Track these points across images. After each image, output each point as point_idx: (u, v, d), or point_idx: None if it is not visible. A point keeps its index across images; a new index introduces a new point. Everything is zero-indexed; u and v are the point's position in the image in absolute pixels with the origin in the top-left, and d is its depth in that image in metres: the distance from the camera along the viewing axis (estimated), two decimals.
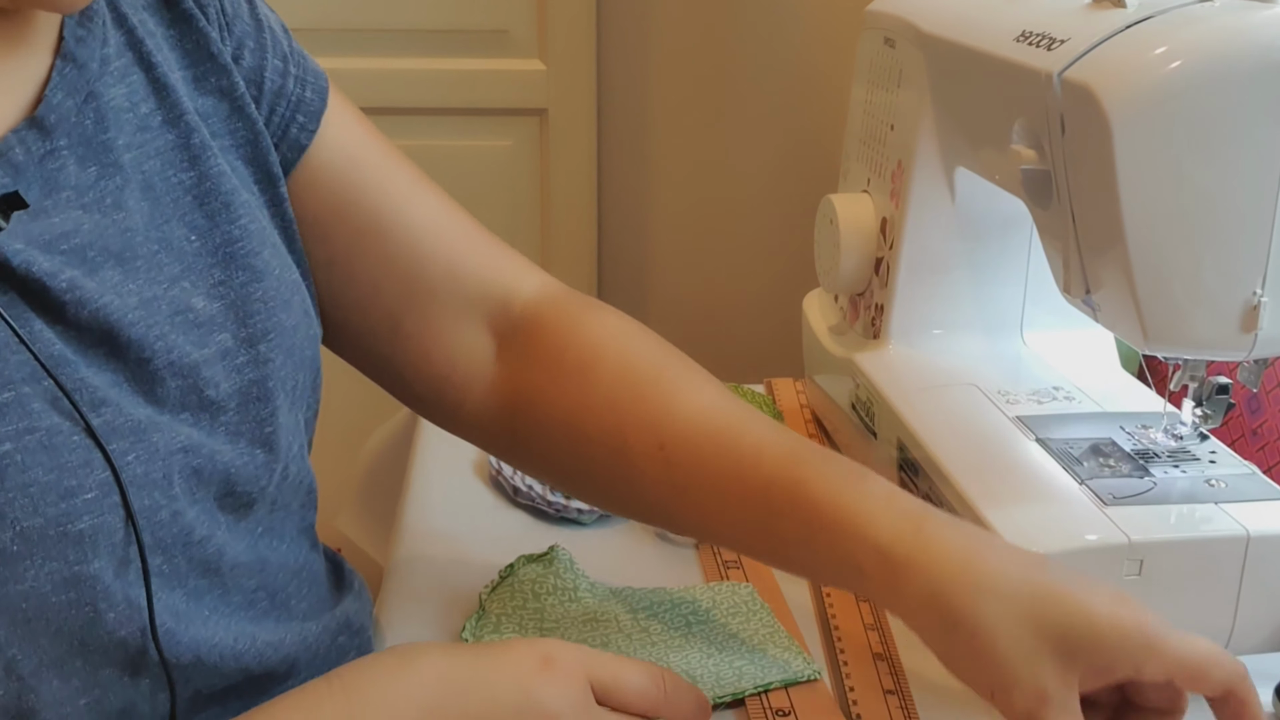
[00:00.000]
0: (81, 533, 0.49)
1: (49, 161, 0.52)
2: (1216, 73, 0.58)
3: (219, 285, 0.57)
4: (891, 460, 0.84)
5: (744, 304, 1.77)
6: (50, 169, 0.52)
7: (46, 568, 0.48)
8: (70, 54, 0.54)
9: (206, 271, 0.57)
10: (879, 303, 0.92)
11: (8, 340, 0.49)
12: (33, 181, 0.51)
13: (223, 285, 0.57)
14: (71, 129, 0.53)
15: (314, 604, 0.66)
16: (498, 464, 0.94)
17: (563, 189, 1.68)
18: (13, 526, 0.47)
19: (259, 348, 0.58)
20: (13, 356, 0.48)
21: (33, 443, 0.48)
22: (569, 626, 0.73)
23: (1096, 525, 0.65)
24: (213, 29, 0.61)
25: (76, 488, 0.49)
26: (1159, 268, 0.62)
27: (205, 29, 0.61)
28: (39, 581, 0.48)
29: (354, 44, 1.60)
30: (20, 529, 0.47)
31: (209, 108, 0.61)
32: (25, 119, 0.52)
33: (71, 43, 0.55)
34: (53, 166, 0.52)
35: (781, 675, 0.69)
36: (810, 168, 1.72)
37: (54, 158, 0.52)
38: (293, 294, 0.61)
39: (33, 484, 0.47)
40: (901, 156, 0.89)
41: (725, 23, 1.67)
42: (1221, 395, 0.71)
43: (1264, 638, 0.67)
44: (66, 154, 0.53)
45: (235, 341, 0.57)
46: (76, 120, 0.54)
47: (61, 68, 0.54)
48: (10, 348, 0.49)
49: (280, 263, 0.61)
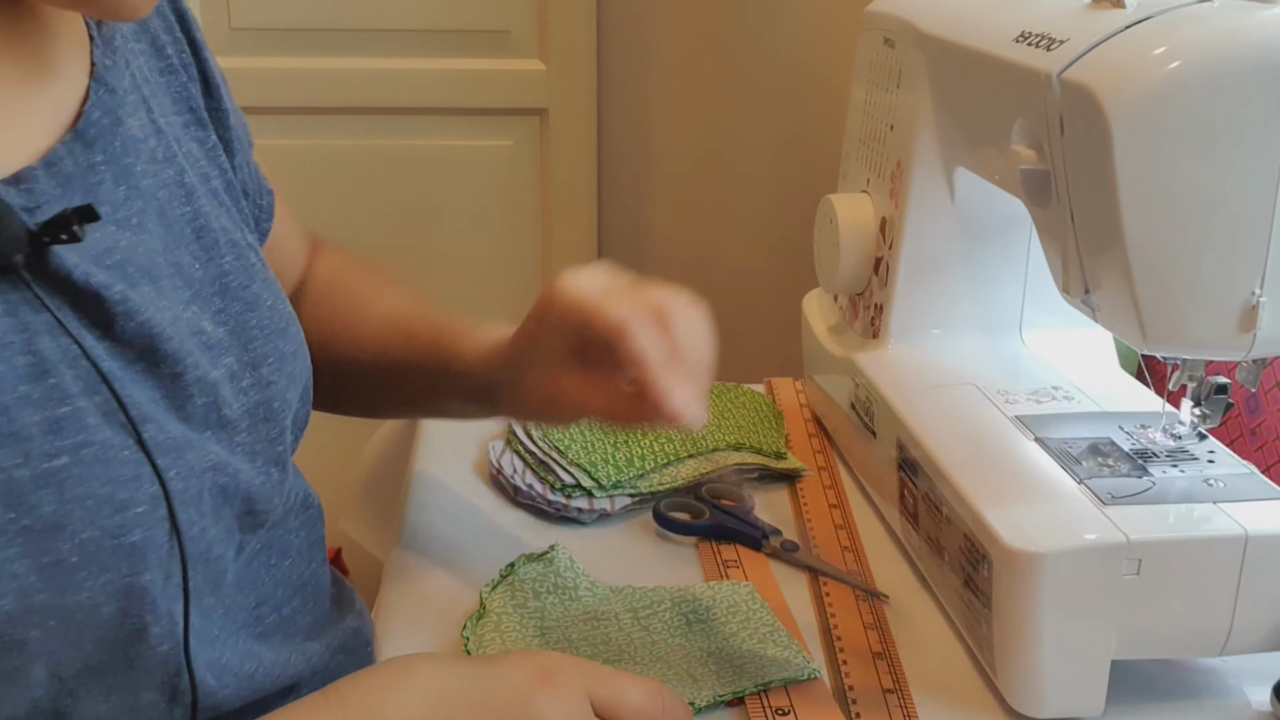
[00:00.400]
0: (135, 545, 0.49)
1: (90, 176, 0.53)
2: (1216, 73, 0.58)
3: (220, 313, 0.59)
4: (891, 460, 0.84)
5: (744, 304, 1.77)
6: (91, 183, 0.53)
7: (102, 579, 0.48)
8: (102, 78, 0.56)
9: (210, 299, 0.58)
10: (878, 302, 0.92)
11: (68, 353, 0.49)
12: (76, 194, 0.52)
13: (223, 313, 0.59)
14: (107, 147, 0.54)
15: (316, 620, 0.66)
16: (498, 464, 0.94)
17: (563, 189, 1.68)
18: (72, 538, 0.47)
19: (261, 371, 0.59)
20: (69, 370, 0.49)
21: (89, 456, 0.49)
22: (569, 625, 0.73)
23: (1095, 525, 0.66)
24: (194, 85, 0.64)
25: (129, 500, 0.49)
26: (1158, 268, 0.62)
27: (187, 84, 0.63)
28: (94, 592, 0.48)
29: (355, 44, 1.60)
30: (79, 540, 0.48)
31: (194, 152, 0.63)
32: (69, 131, 0.53)
33: (102, 68, 0.56)
34: (93, 181, 0.53)
35: (781, 674, 0.69)
36: (810, 167, 1.72)
37: (94, 173, 0.53)
38: (288, 324, 0.63)
39: (89, 496, 0.48)
40: (901, 156, 0.89)
41: (725, 23, 1.67)
42: (1220, 395, 0.71)
43: (1262, 637, 0.67)
44: (104, 170, 0.54)
45: (240, 365, 0.58)
46: (109, 140, 0.55)
47: (96, 89, 0.55)
48: (69, 361, 0.49)
49: (272, 295, 0.63)
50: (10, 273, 0.49)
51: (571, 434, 0.95)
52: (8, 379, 0.47)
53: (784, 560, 0.84)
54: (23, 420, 0.47)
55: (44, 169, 0.51)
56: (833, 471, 0.98)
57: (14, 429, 0.47)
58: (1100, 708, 0.67)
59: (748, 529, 0.86)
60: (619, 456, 0.92)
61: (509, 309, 1.85)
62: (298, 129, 1.63)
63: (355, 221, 1.68)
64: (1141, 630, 0.66)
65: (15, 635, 0.46)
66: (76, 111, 0.54)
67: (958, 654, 0.74)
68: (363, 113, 1.64)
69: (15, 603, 0.46)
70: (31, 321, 0.49)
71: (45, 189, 0.50)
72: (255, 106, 1.62)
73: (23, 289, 0.49)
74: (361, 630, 0.71)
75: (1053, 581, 0.64)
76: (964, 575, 0.71)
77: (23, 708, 0.49)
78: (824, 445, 1.02)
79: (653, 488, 0.91)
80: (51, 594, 0.47)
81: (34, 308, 0.49)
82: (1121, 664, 0.67)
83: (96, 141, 0.54)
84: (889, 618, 0.77)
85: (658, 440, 0.95)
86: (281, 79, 1.59)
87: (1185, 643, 0.68)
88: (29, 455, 0.47)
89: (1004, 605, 0.66)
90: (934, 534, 0.76)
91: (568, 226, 1.70)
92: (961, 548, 0.71)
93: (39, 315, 0.49)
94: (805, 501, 0.93)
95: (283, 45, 1.57)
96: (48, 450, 0.47)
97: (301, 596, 0.65)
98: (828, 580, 0.82)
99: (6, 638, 0.46)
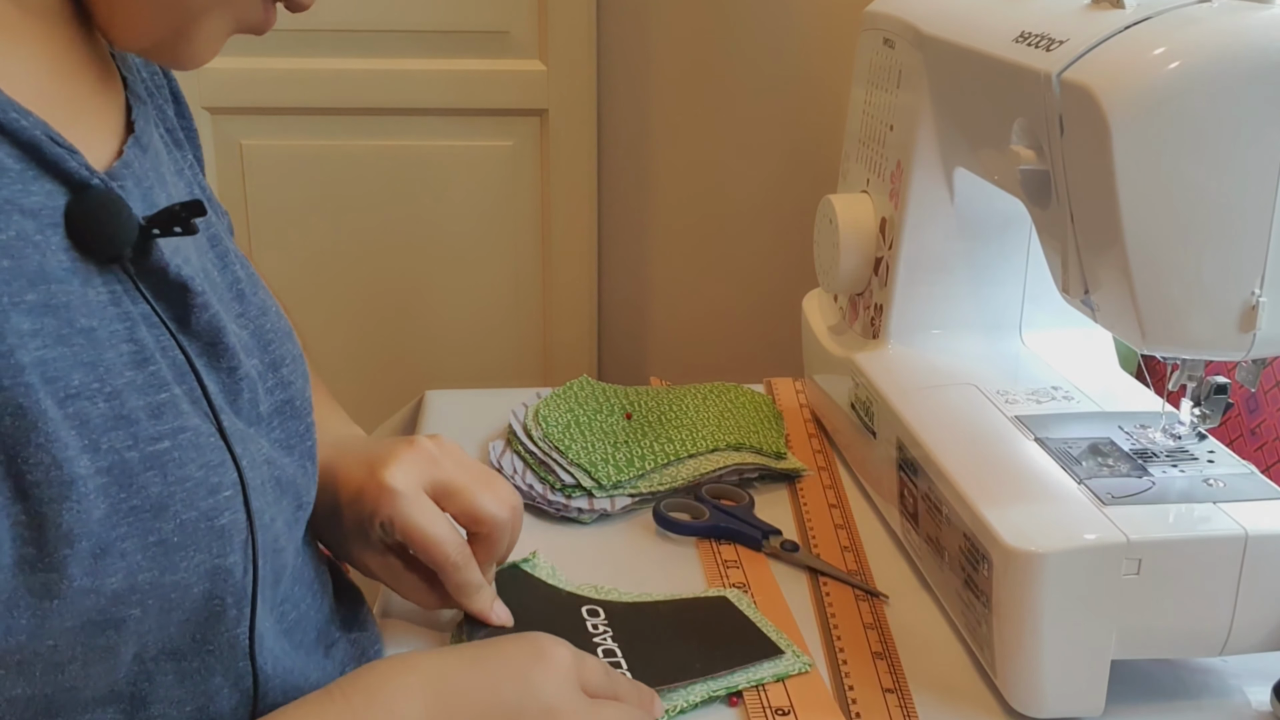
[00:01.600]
0: (224, 527, 0.52)
1: (145, 180, 0.55)
2: (1215, 73, 0.58)
3: (240, 316, 0.61)
4: (891, 460, 0.84)
5: (744, 304, 1.77)
6: (146, 187, 0.55)
7: (196, 559, 0.50)
8: (136, 92, 0.59)
9: (230, 303, 0.60)
10: (878, 303, 0.92)
11: (160, 342, 0.52)
12: (139, 194, 0.54)
13: (242, 317, 0.61)
14: (152, 154, 0.57)
15: (322, 626, 0.66)
16: (498, 464, 0.94)
17: (563, 189, 1.68)
18: (175, 518, 0.49)
19: (281, 371, 0.62)
20: (164, 359, 0.52)
21: (185, 441, 0.51)
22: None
23: (1095, 524, 0.66)
24: (169, 106, 0.66)
25: (219, 485, 0.52)
26: (1157, 268, 0.62)
27: (164, 106, 0.65)
28: (189, 572, 0.50)
29: (355, 45, 1.60)
30: (180, 521, 0.50)
31: (183, 169, 0.65)
32: (130, 137, 0.56)
33: (132, 80, 0.59)
34: (147, 185, 0.55)
35: (774, 670, 0.70)
36: (810, 168, 1.72)
37: (147, 177, 0.56)
38: (290, 330, 0.66)
39: (188, 479, 0.50)
40: (901, 157, 0.89)
41: (725, 23, 1.67)
42: (1220, 395, 0.71)
43: (1262, 637, 0.67)
44: (153, 175, 0.56)
45: (264, 365, 0.61)
46: (151, 147, 0.58)
47: (132, 99, 0.58)
48: (162, 350, 0.52)
49: (274, 303, 0.65)
50: (113, 264, 0.51)
51: (572, 434, 0.95)
52: (116, 365, 0.49)
53: (784, 560, 0.84)
54: (131, 404, 0.49)
55: (124, 168, 0.53)
56: (833, 471, 0.98)
57: (125, 412, 0.49)
58: (1100, 708, 0.67)
59: (748, 529, 0.86)
60: (619, 456, 0.93)
61: (508, 309, 1.86)
62: (297, 130, 1.63)
63: (354, 222, 1.68)
64: (1141, 630, 0.66)
65: (118, 614, 0.48)
66: (125, 118, 0.57)
67: (957, 654, 0.74)
68: (362, 113, 1.64)
69: (123, 581, 0.48)
70: (131, 311, 0.51)
71: (130, 188, 0.53)
72: (255, 107, 1.62)
73: (125, 280, 0.51)
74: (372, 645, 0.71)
75: (1053, 581, 0.64)
76: (964, 575, 0.71)
77: (103, 689, 0.51)
78: (824, 445, 1.02)
79: (653, 488, 0.91)
80: (154, 573, 0.49)
81: (133, 298, 0.51)
82: (1121, 664, 0.67)
83: (148, 148, 0.57)
84: (889, 618, 0.77)
85: (658, 440, 0.95)
86: (281, 79, 1.59)
87: (1185, 643, 0.68)
88: (137, 438, 0.49)
89: (1004, 605, 0.66)
90: (934, 534, 0.76)
91: (567, 227, 1.70)
92: (961, 548, 0.71)
93: (137, 306, 0.52)
94: (805, 501, 0.93)
95: (282, 46, 1.57)
96: (152, 434, 0.50)
97: (311, 596, 0.65)
98: (828, 580, 0.82)
99: (109, 615, 0.48)
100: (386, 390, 1.71)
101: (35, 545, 0.45)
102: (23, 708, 0.48)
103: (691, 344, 1.79)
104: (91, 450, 0.47)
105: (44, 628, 0.46)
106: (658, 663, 0.69)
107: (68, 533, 0.45)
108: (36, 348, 0.46)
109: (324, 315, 1.71)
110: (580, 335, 1.75)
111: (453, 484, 0.69)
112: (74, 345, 0.48)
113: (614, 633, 0.73)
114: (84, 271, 0.49)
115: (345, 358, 1.73)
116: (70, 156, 0.49)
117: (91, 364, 0.48)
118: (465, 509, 0.69)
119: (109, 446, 0.48)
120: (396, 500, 0.67)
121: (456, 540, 0.68)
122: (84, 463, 0.46)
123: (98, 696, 0.50)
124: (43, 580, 0.45)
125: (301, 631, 0.63)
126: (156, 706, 0.53)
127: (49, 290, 0.47)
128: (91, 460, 0.47)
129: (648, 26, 1.67)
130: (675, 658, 0.70)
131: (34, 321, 0.46)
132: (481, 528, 0.70)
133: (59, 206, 0.49)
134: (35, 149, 0.48)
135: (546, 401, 1.02)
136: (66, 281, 0.48)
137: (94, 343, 0.48)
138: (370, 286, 1.71)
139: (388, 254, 1.70)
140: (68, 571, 0.46)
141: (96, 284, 0.50)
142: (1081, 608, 0.65)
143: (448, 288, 1.72)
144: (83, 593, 0.46)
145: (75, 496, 0.45)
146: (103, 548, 0.47)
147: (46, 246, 0.47)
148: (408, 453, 0.69)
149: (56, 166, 0.48)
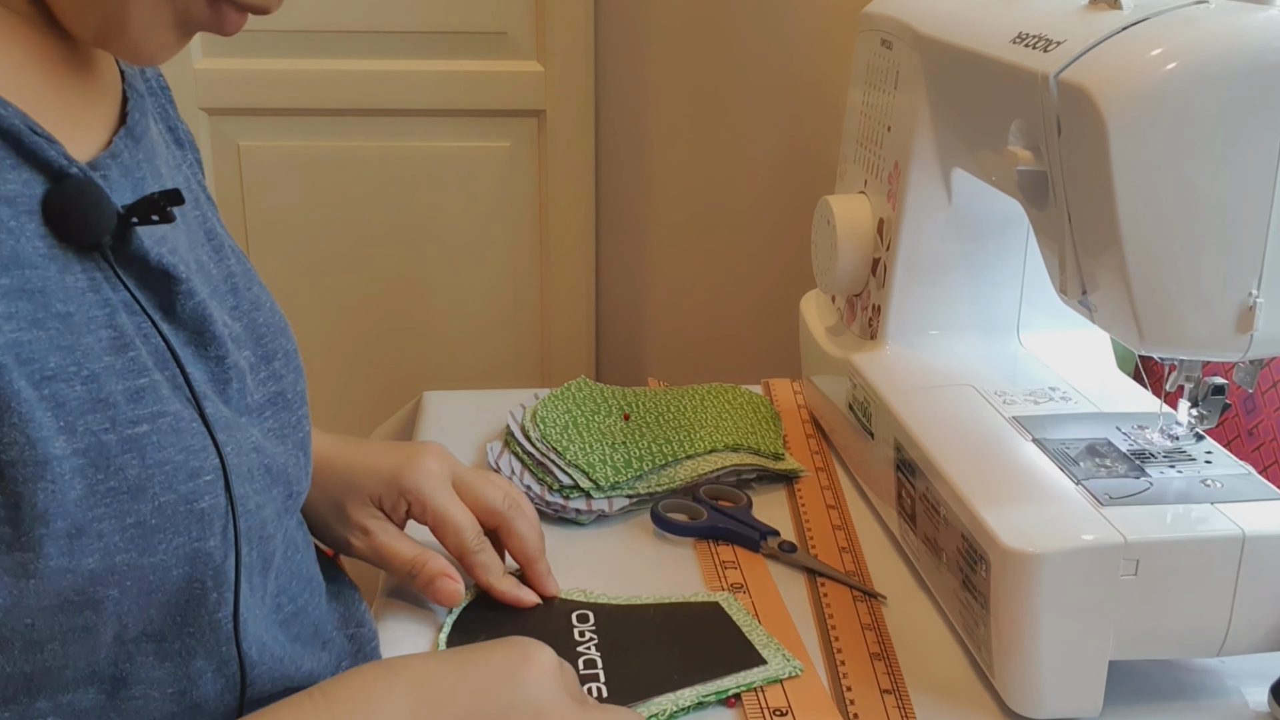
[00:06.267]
0: (203, 511, 0.52)
1: (137, 170, 0.56)
2: (1212, 74, 0.58)
3: (234, 309, 0.62)
4: (888, 460, 0.84)
5: (741, 304, 1.77)
6: (137, 178, 0.56)
7: (175, 542, 0.51)
8: (132, 84, 0.60)
9: (225, 296, 0.61)
10: (876, 303, 0.92)
11: (141, 329, 0.53)
12: (129, 186, 0.55)
13: (236, 310, 0.62)
14: (146, 145, 0.58)
15: (319, 621, 0.66)
16: (496, 465, 0.94)
17: (561, 190, 1.68)
18: (153, 500, 0.50)
19: (273, 365, 0.62)
20: (144, 345, 0.53)
21: (165, 425, 0.52)
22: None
23: (1093, 525, 0.66)
24: (171, 107, 0.67)
25: (199, 469, 0.53)
26: (1155, 268, 0.62)
27: (165, 105, 0.66)
28: (167, 555, 0.51)
29: (353, 45, 1.60)
30: (158, 504, 0.50)
31: (182, 166, 0.65)
32: (122, 128, 0.57)
33: (130, 73, 0.60)
34: (138, 176, 0.56)
35: (764, 675, 0.70)
36: (807, 169, 1.72)
37: (139, 168, 0.56)
38: (285, 324, 0.67)
39: (167, 463, 0.51)
40: (898, 158, 0.90)
41: (723, 24, 1.67)
42: (1217, 395, 0.71)
43: (1260, 637, 0.67)
44: (145, 167, 0.57)
45: (256, 358, 0.61)
46: (146, 139, 0.58)
47: (129, 91, 0.59)
48: (143, 337, 0.53)
49: (269, 298, 0.66)
50: (93, 251, 0.52)
51: (569, 435, 0.95)
52: (94, 350, 0.50)
53: (782, 561, 0.84)
54: (109, 388, 0.50)
55: (110, 159, 0.54)
56: (830, 472, 0.98)
57: (102, 395, 0.50)
58: (1098, 708, 0.67)
59: (745, 530, 0.86)
60: (617, 457, 0.93)
61: (506, 310, 1.86)
62: (295, 130, 1.63)
63: (352, 223, 1.68)
64: (1139, 631, 0.66)
65: (96, 594, 0.49)
66: (119, 110, 0.58)
67: (955, 654, 0.74)
68: (360, 114, 1.63)
69: (100, 562, 0.48)
70: (111, 298, 0.52)
71: (114, 177, 0.54)
72: (254, 108, 1.62)
73: (105, 268, 0.52)
74: (369, 642, 0.71)
75: (1050, 582, 0.64)
76: (962, 576, 0.71)
77: (84, 669, 0.51)
78: (822, 446, 1.02)
79: (651, 489, 0.91)
80: (132, 554, 0.49)
81: (113, 285, 0.52)
82: (1119, 664, 0.67)
83: (141, 139, 0.57)
84: (887, 618, 0.77)
85: (655, 442, 0.95)
86: (280, 80, 1.59)
87: (1183, 643, 0.68)
88: (115, 421, 0.50)
89: (1002, 606, 0.66)
90: (932, 535, 0.76)
91: (565, 228, 1.70)
92: (959, 548, 0.71)
93: (117, 293, 0.52)
94: (803, 502, 0.93)
95: (280, 47, 1.57)
96: (131, 417, 0.50)
97: (309, 592, 0.65)
98: (825, 581, 0.82)
99: (87, 595, 0.49)
100: (385, 391, 1.71)
101: (10, 524, 0.46)
102: (2, 685, 0.49)
103: (689, 345, 1.79)
104: (68, 432, 0.48)
105: (20, 606, 0.47)
106: (635, 676, 0.69)
107: (43, 512, 0.46)
108: (10, 330, 0.47)
109: (322, 316, 1.71)
110: (578, 336, 1.75)
111: (464, 480, 0.79)
112: (50, 329, 0.48)
113: (599, 640, 0.73)
114: (62, 258, 0.50)
115: (343, 359, 1.73)
116: (49, 146, 0.50)
117: (69, 348, 0.49)
118: (475, 500, 0.78)
119: (85, 429, 0.48)
120: (435, 485, 0.77)
121: (474, 525, 0.77)
122: (60, 444, 0.47)
123: (79, 676, 0.51)
124: (19, 559, 0.46)
125: (299, 625, 0.64)
126: (138, 687, 0.53)
127: (23, 275, 0.48)
128: (68, 441, 0.47)
129: (645, 27, 1.67)
130: (655, 670, 0.70)
131: (8, 305, 0.47)
132: (490, 517, 0.78)
133: (36, 195, 0.49)
134: (15, 138, 0.49)
135: (544, 402, 1.02)
136: (43, 267, 0.49)
137: (71, 327, 0.49)
138: (368, 287, 1.71)
139: (386, 254, 1.70)
140: (43, 551, 0.46)
141: (75, 270, 0.50)
142: (1079, 608, 0.65)
143: (446, 288, 1.72)
144: (59, 572, 0.47)
145: (50, 476, 0.46)
146: (79, 528, 0.47)
147: (21, 232, 0.48)
148: (437, 449, 0.79)
149: (35, 155, 0.49)
